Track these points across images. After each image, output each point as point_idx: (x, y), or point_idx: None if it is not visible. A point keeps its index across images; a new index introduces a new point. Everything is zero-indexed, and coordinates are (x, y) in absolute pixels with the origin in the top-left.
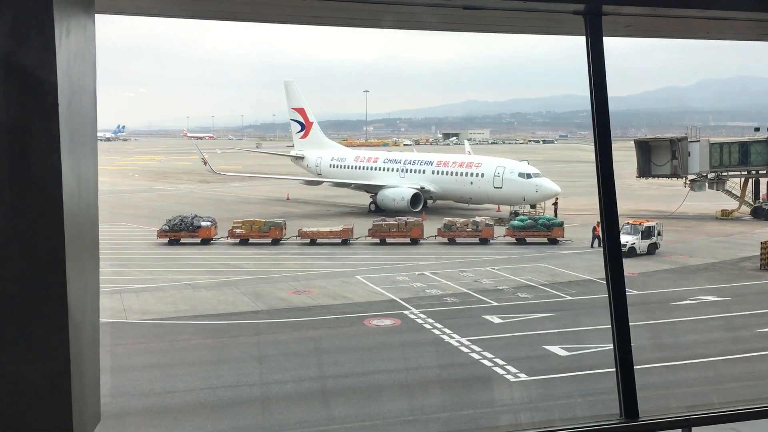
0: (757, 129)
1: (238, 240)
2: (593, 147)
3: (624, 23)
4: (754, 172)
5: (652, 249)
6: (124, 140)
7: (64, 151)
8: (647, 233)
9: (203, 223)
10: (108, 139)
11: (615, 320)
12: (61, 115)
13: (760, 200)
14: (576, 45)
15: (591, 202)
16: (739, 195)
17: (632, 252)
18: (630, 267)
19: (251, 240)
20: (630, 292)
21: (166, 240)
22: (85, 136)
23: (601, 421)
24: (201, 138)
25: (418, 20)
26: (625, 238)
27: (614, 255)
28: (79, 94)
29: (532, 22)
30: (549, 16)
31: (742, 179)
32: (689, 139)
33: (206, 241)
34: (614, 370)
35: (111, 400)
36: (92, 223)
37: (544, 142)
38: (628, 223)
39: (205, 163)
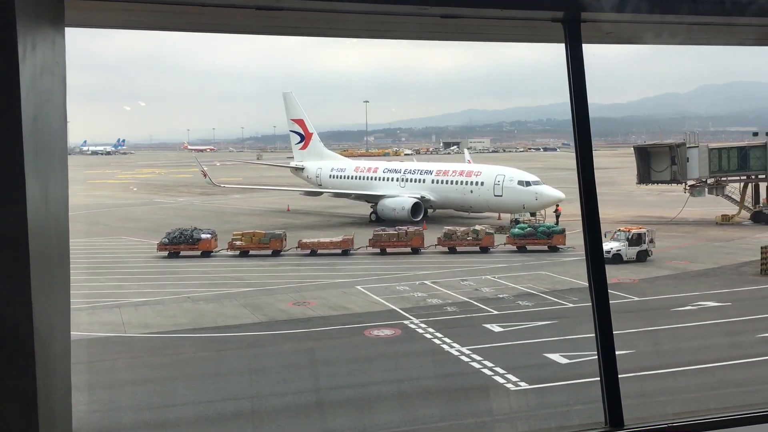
0: (755, 134)
1: (238, 252)
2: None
3: (604, 30)
4: (753, 177)
5: (643, 256)
6: (124, 154)
7: (28, 165)
8: (636, 240)
9: (203, 236)
10: (108, 153)
11: (599, 328)
12: (24, 129)
13: (761, 205)
14: None
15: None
16: (738, 200)
17: (617, 259)
18: (630, 273)
19: (251, 252)
20: (630, 298)
21: (166, 253)
22: (53, 150)
23: (585, 430)
24: (202, 150)
25: (396, 30)
26: (611, 245)
27: (597, 263)
28: (46, 108)
29: (511, 30)
30: (528, 24)
31: (742, 184)
32: (688, 145)
33: (206, 254)
34: (599, 378)
35: (108, 415)
36: (61, 238)
37: (545, 149)
38: (619, 230)
39: (205, 175)
